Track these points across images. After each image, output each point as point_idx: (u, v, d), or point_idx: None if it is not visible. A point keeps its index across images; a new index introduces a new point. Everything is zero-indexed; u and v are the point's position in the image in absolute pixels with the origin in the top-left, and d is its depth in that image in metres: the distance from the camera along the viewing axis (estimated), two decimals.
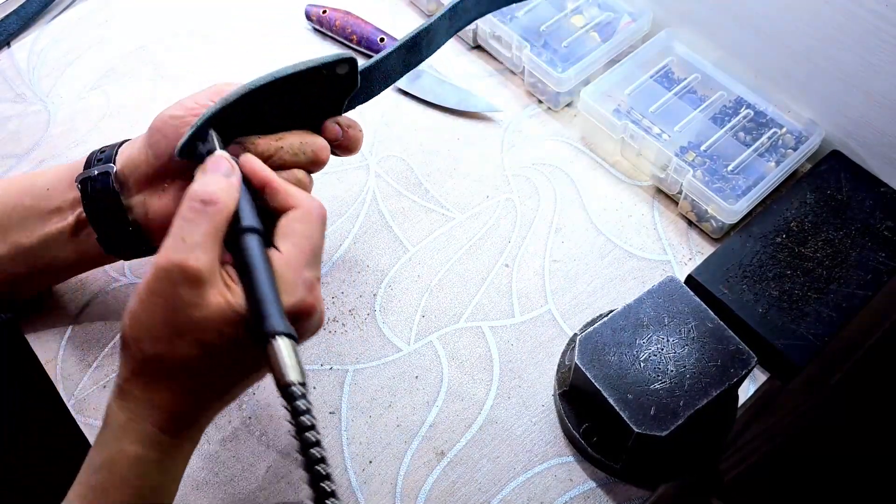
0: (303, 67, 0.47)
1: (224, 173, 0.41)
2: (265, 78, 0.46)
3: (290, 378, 0.37)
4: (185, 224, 0.39)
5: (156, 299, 0.38)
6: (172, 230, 0.39)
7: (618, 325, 0.49)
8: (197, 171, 0.42)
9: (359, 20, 0.75)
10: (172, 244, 0.39)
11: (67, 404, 0.56)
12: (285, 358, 0.37)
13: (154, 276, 0.38)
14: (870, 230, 0.58)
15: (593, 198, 0.65)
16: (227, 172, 0.42)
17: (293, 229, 0.42)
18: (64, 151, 0.70)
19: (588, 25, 0.71)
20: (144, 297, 0.39)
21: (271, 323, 0.37)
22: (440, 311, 0.59)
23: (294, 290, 0.40)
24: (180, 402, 0.40)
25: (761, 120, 0.64)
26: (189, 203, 0.40)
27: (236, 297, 0.39)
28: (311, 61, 0.47)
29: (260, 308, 0.38)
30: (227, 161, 0.42)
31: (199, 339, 0.39)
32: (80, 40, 0.79)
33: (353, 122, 0.52)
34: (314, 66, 0.47)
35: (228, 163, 0.42)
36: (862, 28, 0.56)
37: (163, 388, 0.40)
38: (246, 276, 0.39)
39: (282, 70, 0.46)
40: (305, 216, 0.42)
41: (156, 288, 0.38)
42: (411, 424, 0.54)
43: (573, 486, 0.51)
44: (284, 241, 0.41)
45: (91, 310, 0.60)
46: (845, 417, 0.91)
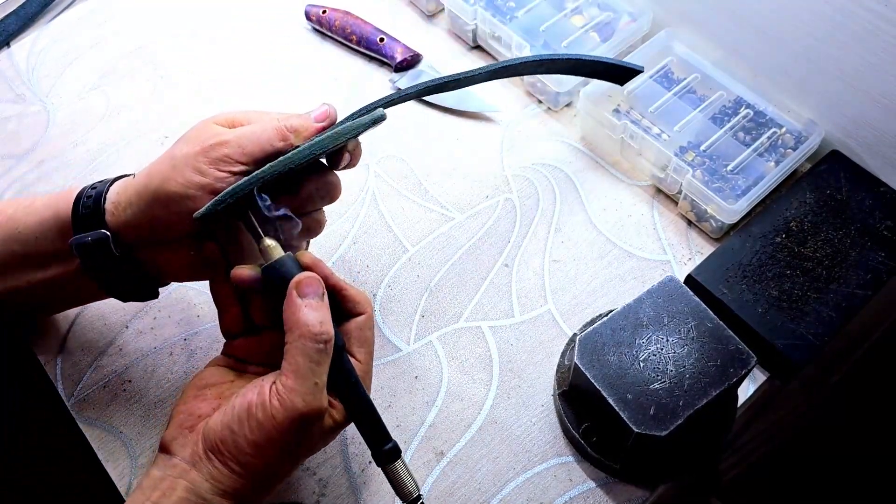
0: (342, 139, 0.45)
1: (321, 296, 0.43)
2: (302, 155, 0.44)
3: (415, 494, 0.44)
4: (314, 367, 0.41)
5: (290, 438, 0.41)
6: (301, 371, 0.41)
7: (617, 325, 0.49)
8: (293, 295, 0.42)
9: (358, 20, 0.75)
10: (306, 389, 0.41)
11: (67, 404, 0.56)
12: (406, 477, 0.44)
13: (290, 421, 0.41)
14: (869, 230, 0.58)
15: (593, 198, 0.65)
16: (322, 294, 0.43)
17: (365, 337, 0.46)
18: (63, 151, 0.70)
19: (588, 25, 0.71)
20: (276, 436, 0.41)
21: (391, 448, 0.44)
22: (440, 310, 0.59)
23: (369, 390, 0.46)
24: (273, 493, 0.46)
25: (761, 120, 0.64)
26: (314, 344, 0.41)
27: (341, 414, 0.44)
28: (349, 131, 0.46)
29: (375, 431, 0.44)
30: (319, 283, 0.43)
31: (311, 454, 0.46)
32: (80, 40, 0.79)
33: (357, 142, 0.51)
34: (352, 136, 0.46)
35: (321, 284, 0.44)
36: (862, 28, 0.56)
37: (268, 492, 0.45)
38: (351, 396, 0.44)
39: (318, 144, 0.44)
40: (371, 323, 0.46)
41: (291, 429, 0.41)
42: (411, 424, 0.54)
43: (573, 486, 0.51)
44: (359, 350, 0.46)
45: (91, 310, 0.60)
46: (845, 417, 0.91)
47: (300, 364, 0.41)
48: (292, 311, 0.42)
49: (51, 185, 0.68)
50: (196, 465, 0.42)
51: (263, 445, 0.41)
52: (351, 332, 0.46)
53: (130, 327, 0.59)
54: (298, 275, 0.43)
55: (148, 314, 0.60)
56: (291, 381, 0.41)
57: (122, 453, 0.54)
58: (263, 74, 0.75)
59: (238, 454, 0.41)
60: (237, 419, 0.42)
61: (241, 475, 0.42)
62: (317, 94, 0.73)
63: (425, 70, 0.73)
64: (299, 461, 0.46)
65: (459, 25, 0.75)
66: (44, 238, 0.47)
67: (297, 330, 0.42)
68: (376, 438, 0.44)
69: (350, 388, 0.44)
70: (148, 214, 0.45)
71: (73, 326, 0.59)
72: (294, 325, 0.42)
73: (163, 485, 0.42)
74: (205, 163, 0.44)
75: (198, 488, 0.41)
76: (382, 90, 0.73)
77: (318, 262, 0.46)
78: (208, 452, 0.42)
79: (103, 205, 0.46)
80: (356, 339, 0.45)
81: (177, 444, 0.43)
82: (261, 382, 0.43)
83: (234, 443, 0.41)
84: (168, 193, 0.44)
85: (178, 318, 0.60)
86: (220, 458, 0.42)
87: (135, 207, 0.45)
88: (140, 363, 0.57)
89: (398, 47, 0.73)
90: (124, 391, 0.56)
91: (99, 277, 0.47)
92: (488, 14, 0.71)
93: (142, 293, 0.50)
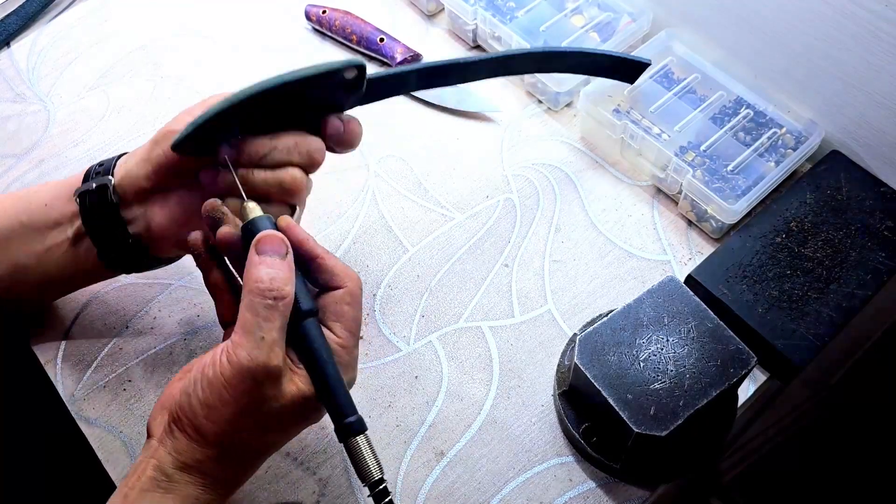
0: (312, 72, 0.45)
1: (281, 255, 0.42)
2: (272, 81, 0.45)
3: (376, 476, 0.41)
4: (261, 322, 0.40)
5: (239, 397, 0.40)
6: (246, 325, 0.40)
7: (617, 325, 0.49)
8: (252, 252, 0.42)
9: (358, 20, 0.75)
10: (252, 344, 0.40)
11: (67, 404, 0.56)
12: (368, 456, 0.41)
13: (237, 376, 0.40)
14: (870, 230, 0.58)
15: (593, 198, 0.65)
16: (283, 253, 0.42)
17: (343, 311, 0.44)
18: (64, 151, 0.70)
19: (588, 25, 0.71)
20: (225, 394, 0.40)
21: (353, 422, 0.42)
22: (440, 311, 0.59)
23: (349, 371, 0.44)
24: (248, 472, 0.45)
25: (761, 120, 0.64)
26: (261, 300, 0.40)
27: (305, 382, 0.42)
28: (321, 66, 0.46)
29: (338, 404, 0.42)
30: (282, 241, 0.42)
31: (278, 426, 0.43)
32: (80, 40, 0.79)
33: (353, 118, 0.51)
34: (323, 70, 0.46)
35: (283, 242, 0.42)
36: (862, 28, 0.56)
37: (237, 467, 0.43)
38: (314, 363, 0.42)
39: (290, 74, 0.45)
40: (352, 298, 0.45)
41: (240, 387, 0.40)
42: (411, 424, 0.54)
43: (573, 486, 0.51)
44: (336, 324, 0.44)
45: (91, 310, 0.60)
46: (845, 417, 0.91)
47: (247, 319, 0.40)
48: (248, 267, 0.41)
49: None
50: (163, 441, 0.41)
51: (214, 405, 0.40)
52: (327, 306, 0.44)
53: (130, 327, 0.59)
54: (260, 232, 0.43)
55: (148, 314, 0.60)
56: (238, 337, 0.40)
57: (122, 453, 0.54)
58: (263, 74, 0.75)
59: (193, 418, 0.41)
60: (193, 382, 0.41)
61: (198, 441, 0.41)
62: None
63: None
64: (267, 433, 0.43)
65: (459, 25, 0.75)
66: (52, 204, 0.50)
67: (247, 286, 0.41)
68: (336, 409, 0.42)
69: (311, 354, 0.42)
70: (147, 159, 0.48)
71: (73, 326, 0.59)
72: (246, 280, 0.41)
73: (139, 468, 0.41)
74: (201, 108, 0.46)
75: (162, 464, 0.41)
76: None
77: (293, 225, 0.45)
78: (171, 424, 0.42)
79: (113, 165, 0.50)
80: (332, 313, 0.44)
81: (154, 424, 0.43)
82: (217, 345, 0.42)
83: (190, 406, 0.41)
84: (163, 132, 0.47)
85: (178, 318, 0.60)
86: (179, 426, 0.41)
87: (138, 156, 0.49)
88: (140, 363, 0.57)
89: (398, 47, 0.73)
90: (124, 391, 0.56)
91: (92, 230, 0.49)
92: (488, 14, 0.71)
93: (130, 257, 0.51)
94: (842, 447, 0.91)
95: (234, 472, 0.44)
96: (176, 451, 0.41)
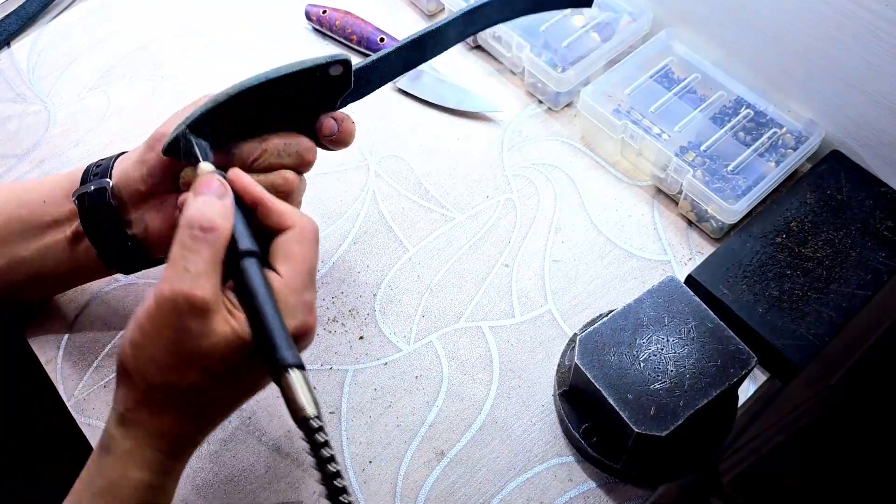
0: (296, 68, 0.46)
1: (217, 195, 0.40)
2: (256, 79, 0.45)
3: (308, 412, 0.37)
4: (186, 253, 0.38)
5: (161, 330, 0.38)
6: (172, 258, 0.39)
7: (618, 325, 0.49)
8: (189, 194, 0.41)
9: (359, 20, 0.75)
10: (175, 274, 0.38)
11: (67, 404, 0.56)
12: (300, 391, 0.37)
13: (158, 307, 0.38)
14: (870, 230, 0.58)
15: (593, 198, 0.65)
16: (221, 194, 0.41)
17: (291, 251, 0.42)
18: (64, 151, 0.70)
19: (588, 25, 0.71)
20: (148, 327, 0.38)
21: (284, 356, 0.38)
22: (440, 311, 0.59)
23: (295, 314, 0.40)
24: (185, 426, 0.41)
25: (761, 120, 0.64)
26: (188, 231, 0.39)
27: (241, 323, 0.39)
28: (304, 62, 0.46)
29: (270, 339, 0.38)
30: (218, 181, 0.41)
31: (207, 366, 0.39)
32: (80, 40, 0.79)
33: (346, 115, 0.51)
34: (307, 67, 0.46)
35: (221, 183, 0.41)
36: (862, 28, 0.56)
37: (169, 415, 0.40)
38: (250, 303, 0.39)
39: (273, 71, 0.45)
40: (301, 237, 0.42)
41: (160, 319, 0.38)
42: (411, 424, 0.54)
43: (573, 486, 0.51)
44: (283, 264, 0.41)
45: (90, 310, 0.60)
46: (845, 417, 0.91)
47: (174, 252, 0.39)
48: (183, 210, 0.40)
49: None
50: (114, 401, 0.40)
51: (139, 342, 0.38)
52: (276, 247, 0.42)
53: None
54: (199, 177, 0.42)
55: None
56: (165, 271, 0.39)
57: None
58: None
59: (124, 359, 0.39)
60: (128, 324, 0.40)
61: (128, 386, 0.39)
62: None
63: (425, 70, 0.73)
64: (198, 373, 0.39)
65: None
66: (51, 201, 0.50)
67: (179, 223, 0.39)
68: (269, 347, 0.38)
69: (248, 292, 0.39)
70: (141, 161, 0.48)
71: (73, 326, 0.59)
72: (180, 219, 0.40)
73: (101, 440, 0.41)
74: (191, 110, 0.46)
75: (108, 426, 0.40)
76: (382, 90, 0.73)
77: (239, 173, 0.43)
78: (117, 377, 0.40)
79: (111, 166, 0.50)
80: (280, 254, 0.41)
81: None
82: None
83: (122, 350, 0.39)
84: (156, 135, 0.47)
85: None
86: (118, 376, 0.40)
87: (133, 158, 0.49)
88: None
89: None
90: None
91: (91, 232, 0.49)
92: None
93: (129, 259, 0.51)
94: (842, 447, 0.91)
95: (172, 425, 0.40)
96: (115, 402, 0.40)
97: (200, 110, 0.44)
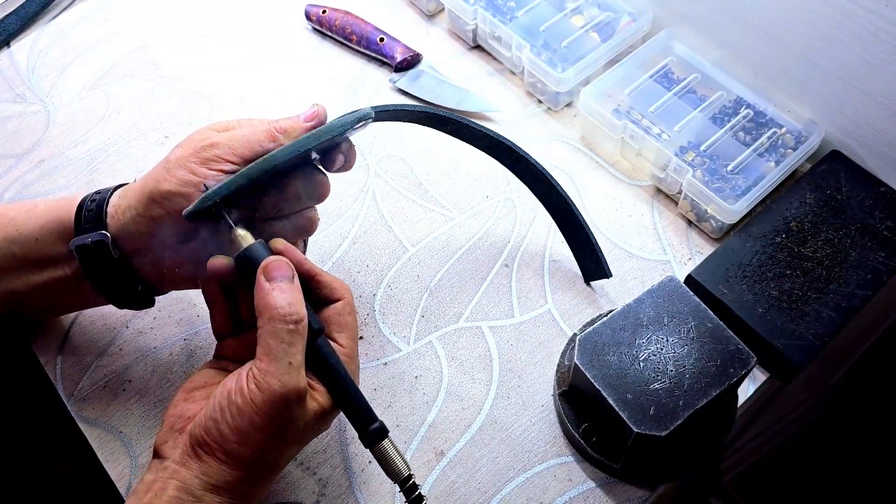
0: (326, 137, 0.45)
1: (290, 279, 0.43)
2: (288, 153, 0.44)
3: (405, 473, 0.44)
4: (286, 347, 0.42)
5: (272, 421, 0.41)
6: (272, 353, 0.41)
7: (617, 325, 0.49)
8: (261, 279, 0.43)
9: (358, 20, 0.75)
10: (281, 370, 0.41)
11: (67, 404, 0.56)
12: (395, 457, 0.44)
13: (269, 403, 0.41)
14: (869, 230, 0.58)
15: (593, 198, 0.65)
16: (291, 276, 0.43)
17: (346, 322, 0.46)
18: (64, 151, 0.70)
19: (588, 25, 0.71)
20: (258, 420, 0.41)
21: (377, 427, 0.44)
22: (440, 311, 0.59)
23: (355, 377, 0.46)
24: (270, 486, 0.47)
25: (761, 120, 0.64)
26: (283, 325, 0.42)
27: (323, 396, 0.44)
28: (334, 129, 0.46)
29: (360, 412, 0.44)
30: (288, 265, 0.44)
31: (301, 441, 0.45)
32: (80, 40, 0.79)
33: (351, 144, 0.51)
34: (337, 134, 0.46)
35: (288, 266, 0.44)
36: (862, 28, 0.56)
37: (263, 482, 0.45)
38: (333, 379, 0.44)
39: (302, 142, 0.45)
40: (351, 308, 0.47)
41: (272, 412, 0.41)
42: (411, 424, 0.54)
43: (573, 486, 0.51)
44: (342, 335, 0.46)
45: (91, 310, 0.60)
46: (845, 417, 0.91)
47: (272, 346, 0.41)
48: (261, 295, 0.42)
49: (51, 185, 0.68)
50: (185, 464, 0.42)
51: (246, 431, 0.41)
52: (330, 318, 0.46)
53: (130, 327, 0.59)
54: (266, 259, 0.43)
55: (148, 314, 0.60)
56: (265, 364, 0.41)
57: (122, 453, 0.54)
58: (263, 74, 0.75)
59: (223, 443, 0.41)
60: (218, 408, 0.42)
61: (228, 465, 0.42)
62: (317, 94, 0.73)
63: (425, 70, 0.73)
64: (290, 449, 0.45)
65: (459, 25, 0.75)
66: (44, 241, 0.48)
67: (266, 313, 0.42)
68: (361, 419, 0.44)
69: (330, 370, 0.44)
70: (146, 216, 0.46)
71: (73, 326, 0.59)
72: (263, 308, 0.42)
73: (154, 487, 0.42)
74: (196, 163, 0.46)
75: (188, 485, 0.41)
76: (382, 90, 0.73)
77: (289, 247, 0.46)
78: (195, 448, 0.42)
79: (105, 209, 0.48)
80: (336, 325, 0.46)
81: (167, 447, 0.43)
82: (239, 371, 0.43)
83: (219, 432, 0.41)
84: (162, 192, 0.46)
85: (178, 318, 0.60)
86: (206, 450, 0.42)
87: (133, 210, 0.47)
88: (140, 363, 0.57)
89: (398, 47, 0.73)
90: (124, 391, 0.56)
91: (97, 281, 0.48)
92: (488, 14, 0.71)
93: (138, 300, 0.50)
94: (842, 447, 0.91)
95: (259, 488, 0.45)
96: (205, 474, 0.42)
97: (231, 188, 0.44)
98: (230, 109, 0.72)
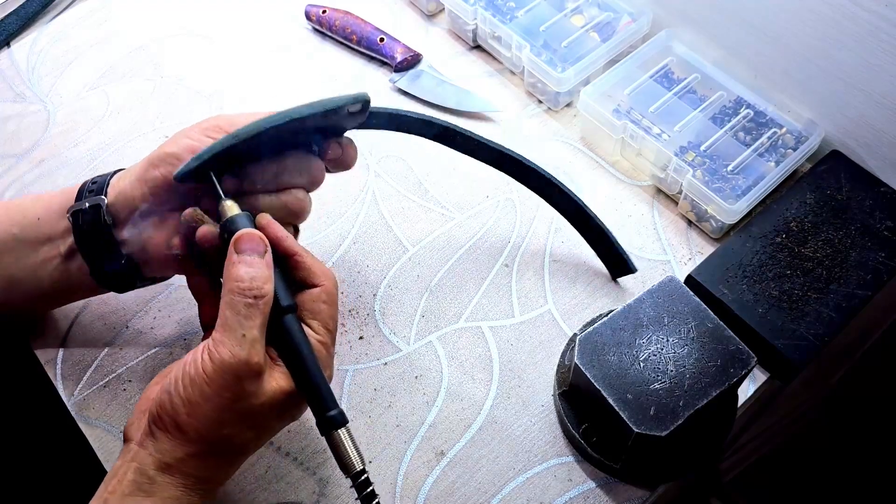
0: (318, 109, 0.46)
1: (260, 253, 0.43)
2: (279, 118, 0.45)
3: (359, 467, 0.42)
4: (241, 319, 0.41)
5: (222, 392, 0.41)
6: (228, 324, 0.41)
7: (617, 325, 0.49)
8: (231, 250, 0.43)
9: (359, 20, 0.75)
10: (234, 341, 0.41)
11: (67, 404, 0.56)
12: (349, 448, 0.42)
13: (218, 373, 0.40)
14: (869, 230, 0.58)
15: (593, 198, 0.65)
16: (262, 251, 0.43)
17: (321, 309, 0.45)
18: (64, 151, 0.70)
19: (588, 25, 0.71)
20: (207, 390, 0.40)
21: (334, 415, 0.42)
22: (440, 311, 0.59)
23: (327, 368, 0.44)
24: (229, 469, 0.45)
25: (761, 120, 0.64)
26: (241, 298, 0.41)
27: (286, 379, 0.43)
28: (327, 102, 0.46)
29: (319, 397, 0.43)
30: (259, 238, 0.43)
31: (260, 421, 0.43)
32: (80, 40, 0.79)
33: (350, 140, 0.52)
34: (330, 107, 0.46)
35: (261, 240, 0.43)
36: (862, 28, 0.56)
37: (218, 463, 0.43)
38: (296, 359, 0.43)
39: (296, 111, 0.45)
40: (329, 296, 0.45)
41: (220, 383, 0.40)
42: (411, 424, 0.54)
43: (573, 486, 0.51)
44: (314, 321, 0.45)
45: (90, 310, 0.60)
46: (845, 417, 0.91)
47: (227, 317, 0.41)
48: (227, 266, 0.42)
49: (51, 185, 0.68)
50: (143, 444, 0.42)
51: (196, 402, 0.41)
52: (304, 303, 0.45)
53: (130, 327, 0.59)
54: (238, 231, 0.43)
55: (148, 314, 0.60)
56: (219, 334, 0.41)
57: None
58: (263, 74, 0.75)
59: (175, 415, 0.41)
60: (173, 381, 0.41)
61: (179, 439, 0.41)
62: (317, 95, 0.72)
63: (425, 70, 0.73)
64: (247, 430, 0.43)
65: (459, 25, 0.75)
66: (46, 219, 0.50)
67: (227, 284, 0.42)
68: (318, 403, 0.43)
69: (292, 348, 0.43)
70: (142, 179, 0.48)
71: (73, 326, 0.59)
72: (227, 279, 0.42)
73: (119, 472, 0.42)
74: (197, 131, 0.47)
75: (144, 466, 0.41)
76: (382, 90, 0.73)
77: (272, 223, 0.45)
78: (151, 425, 0.42)
79: (108, 180, 0.50)
80: (308, 311, 0.45)
81: (132, 428, 0.43)
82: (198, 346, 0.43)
83: (171, 405, 0.41)
84: (161, 155, 0.47)
85: (178, 318, 0.60)
86: (160, 425, 0.41)
87: (132, 175, 0.49)
88: (140, 363, 0.57)
89: (398, 47, 0.73)
90: (124, 391, 0.56)
91: (85, 249, 0.49)
92: (488, 14, 0.71)
93: (120, 277, 0.50)
94: (842, 447, 0.91)
95: (216, 471, 0.43)
96: (158, 451, 0.41)
97: (223, 146, 0.44)
98: (230, 109, 0.72)
